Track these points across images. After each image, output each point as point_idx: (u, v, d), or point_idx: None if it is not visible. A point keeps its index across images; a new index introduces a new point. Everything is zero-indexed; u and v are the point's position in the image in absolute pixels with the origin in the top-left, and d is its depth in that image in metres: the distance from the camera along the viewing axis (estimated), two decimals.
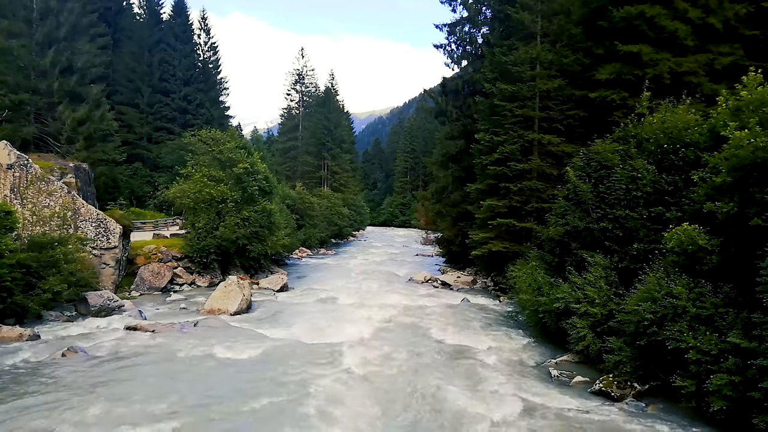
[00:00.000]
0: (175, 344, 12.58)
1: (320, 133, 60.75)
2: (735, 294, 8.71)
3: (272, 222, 24.92)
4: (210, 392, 9.45)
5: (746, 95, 9.55)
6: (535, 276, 14.11)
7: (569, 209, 13.64)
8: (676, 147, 11.54)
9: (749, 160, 8.62)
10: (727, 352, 8.05)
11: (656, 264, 10.34)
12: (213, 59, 49.44)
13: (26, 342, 12.22)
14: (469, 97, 27.78)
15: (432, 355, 12.54)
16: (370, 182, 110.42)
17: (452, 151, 28.38)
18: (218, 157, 24.28)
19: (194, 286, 21.76)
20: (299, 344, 13.07)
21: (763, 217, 8.33)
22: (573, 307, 11.60)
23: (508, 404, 9.33)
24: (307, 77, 67.54)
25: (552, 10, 21.00)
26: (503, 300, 19.88)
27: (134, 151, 40.33)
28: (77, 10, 30.57)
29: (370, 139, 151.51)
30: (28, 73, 27.68)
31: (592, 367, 11.24)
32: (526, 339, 14.22)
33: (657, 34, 16.37)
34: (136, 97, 42.69)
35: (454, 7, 28.71)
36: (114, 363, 10.99)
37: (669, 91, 14.38)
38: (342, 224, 52.59)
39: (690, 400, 8.63)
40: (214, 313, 16.39)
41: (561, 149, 19.23)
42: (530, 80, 19.99)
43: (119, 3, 46.20)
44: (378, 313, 17.04)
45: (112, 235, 18.77)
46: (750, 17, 16.43)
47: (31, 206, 16.76)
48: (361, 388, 10.05)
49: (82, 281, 15.79)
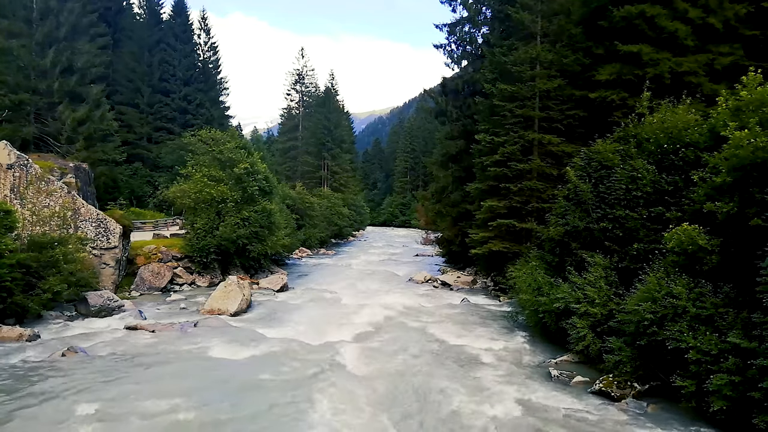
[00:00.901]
0: (175, 344, 12.59)
1: (320, 133, 60.75)
2: (735, 294, 8.71)
3: (272, 222, 24.92)
4: (210, 392, 9.44)
5: (746, 95, 9.55)
6: (535, 276, 14.10)
7: (569, 209, 13.65)
8: (676, 147, 11.55)
9: (749, 160, 8.62)
10: (727, 352, 8.06)
11: (656, 264, 10.34)
12: (213, 59, 49.46)
13: (26, 342, 12.23)
14: (469, 97, 27.78)
15: (432, 355, 12.54)
16: (370, 182, 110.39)
17: (452, 151, 28.39)
18: (218, 157, 24.29)
19: (194, 286, 21.77)
20: (299, 344, 13.06)
21: (763, 217, 8.33)
22: (573, 307, 11.60)
23: (507, 404, 9.34)
24: (307, 77, 67.56)
25: (552, 10, 20.99)
26: (503, 300, 19.88)
27: (134, 151, 40.33)
28: (77, 10, 30.58)
29: (370, 139, 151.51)
30: (28, 73, 27.68)
31: (592, 367, 11.24)
32: (526, 339, 14.22)
33: (657, 34, 16.36)
34: (136, 97, 42.69)
35: (454, 7, 28.74)
36: (114, 363, 10.99)
37: (669, 91, 14.38)
38: (342, 224, 52.58)
39: (690, 400, 8.63)
40: (214, 313, 16.39)
41: (561, 149, 19.22)
42: (530, 80, 19.99)
43: (119, 3, 46.20)
44: (378, 313, 17.04)
45: (112, 235, 18.77)
46: (750, 17, 16.43)
47: (31, 206, 16.76)
48: (361, 388, 10.04)
49: (82, 281, 15.79)
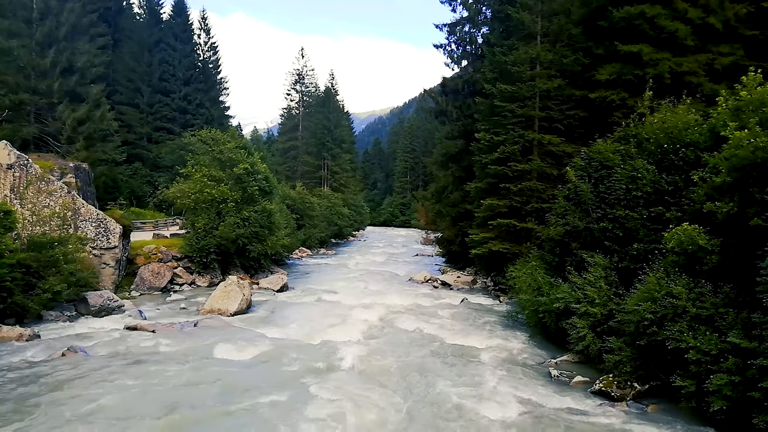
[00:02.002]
0: (175, 344, 12.58)
1: (320, 133, 60.75)
2: (735, 294, 8.71)
3: (272, 222, 24.93)
4: (210, 392, 9.45)
5: (746, 95, 9.54)
6: (535, 276, 14.10)
7: (569, 209, 13.64)
8: (676, 147, 11.55)
9: (749, 160, 8.61)
10: (727, 352, 8.05)
11: (656, 264, 10.34)
12: (213, 59, 49.50)
13: (26, 342, 12.22)
14: (469, 97, 27.78)
15: (432, 355, 12.53)
16: (370, 182, 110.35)
17: (452, 151, 28.39)
18: (218, 157, 24.29)
19: (194, 286, 21.76)
20: (299, 344, 13.06)
21: (763, 217, 8.33)
22: (573, 307, 11.60)
23: (507, 404, 9.33)
24: (307, 77, 67.64)
25: (552, 10, 20.99)
26: (503, 300, 19.87)
27: (134, 151, 40.32)
28: (77, 10, 30.60)
29: (370, 139, 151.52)
30: (28, 73, 27.69)
31: (592, 367, 11.25)
32: (526, 339, 14.22)
33: (657, 34, 16.36)
34: (136, 97, 42.68)
35: (454, 7, 28.76)
36: (114, 363, 10.98)
37: (669, 91, 14.37)
38: (342, 224, 52.57)
39: (690, 400, 8.63)
40: (214, 313, 16.38)
41: (561, 149, 19.22)
42: (530, 80, 19.98)
43: (119, 3, 46.19)
44: (378, 313, 17.04)
45: (112, 235, 18.77)
46: (750, 17, 16.43)
47: (31, 206, 16.76)
48: (361, 388, 10.03)
49: (82, 281, 15.80)
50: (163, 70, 44.18)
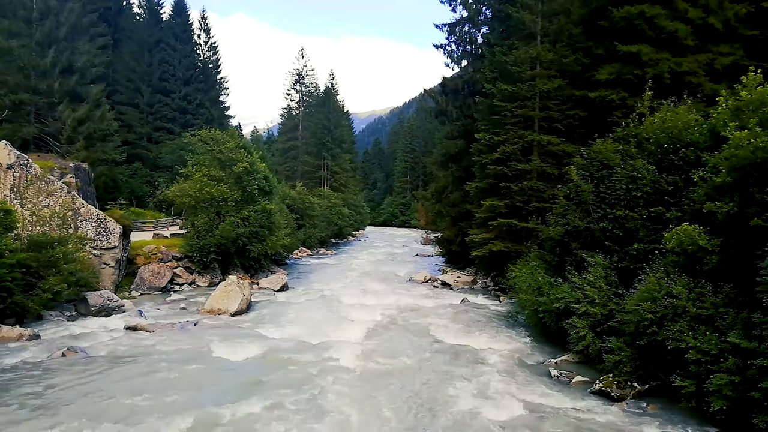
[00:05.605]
0: (175, 344, 12.58)
1: (320, 133, 60.73)
2: (735, 294, 8.71)
3: (272, 222, 24.92)
4: (210, 392, 9.45)
5: (746, 95, 9.55)
6: (535, 276, 14.10)
7: (569, 209, 13.64)
8: (677, 147, 11.55)
9: (749, 160, 8.62)
10: (727, 352, 8.06)
11: (656, 264, 10.34)
12: (213, 59, 49.50)
13: (26, 342, 12.22)
14: (469, 97, 27.78)
15: (432, 355, 12.54)
16: (370, 182, 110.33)
17: (452, 151, 28.39)
18: (218, 157, 24.29)
19: (194, 286, 21.76)
20: (299, 344, 13.06)
21: (763, 217, 8.33)
22: (573, 307, 11.60)
23: (508, 404, 9.34)
24: (307, 77, 67.56)
25: (552, 10, 20.99)
26: (503, 300, 19.87)
27: (134, 151, 40.32)
28: (77, 10, 30.59)
29: (370, 139, 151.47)
30: (28, 73, 27.68)
31: (592, 367, 11.25)
32: (526, 339, 14.22)
33: (657, 34, 16.35)
34: (136, 97, 42.67)
35: (454, 7, 28.78)
36: (114, 363, 10.99)
37: (669, 91, 14.36)
38: (342, 224, 52.56)
39: (690, 400, 8.64)
40: (214, 313, 16.39)
41: (561, 149, 19.22)
42: (530, 80, 19.98)
43: (119, 3, 46.20)
44: (378, 313, 17.04)
45: (112, 235, 18.77)
46: (750, 17, 16.42)
47: (31, 206, 16.75)
48: (361, 388, 10.04)
49: (82, 281, 15.79)
50: (163, 70, 44.17)
